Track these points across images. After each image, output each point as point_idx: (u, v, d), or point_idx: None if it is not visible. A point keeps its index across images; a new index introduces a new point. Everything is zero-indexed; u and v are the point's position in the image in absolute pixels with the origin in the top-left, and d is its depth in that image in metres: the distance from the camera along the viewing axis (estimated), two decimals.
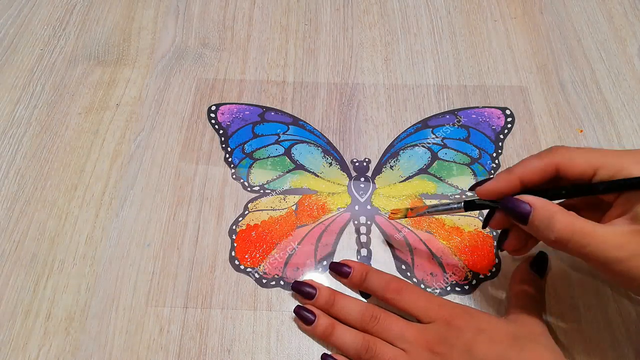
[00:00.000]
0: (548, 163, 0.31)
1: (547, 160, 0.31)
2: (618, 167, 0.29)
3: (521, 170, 0.32)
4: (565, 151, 0.31)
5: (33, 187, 0.44)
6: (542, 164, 0.31)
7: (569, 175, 0.31)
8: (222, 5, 0.57)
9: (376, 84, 0.50)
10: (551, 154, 0.31)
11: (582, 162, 0.30)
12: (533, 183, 0.31)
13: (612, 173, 0.29)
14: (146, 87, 0.50)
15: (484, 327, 0.33)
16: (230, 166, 0.45)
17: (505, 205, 0.32)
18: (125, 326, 0.37)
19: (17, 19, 0.55)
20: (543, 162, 0.31)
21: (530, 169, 0.31)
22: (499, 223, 0.34)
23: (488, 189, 0.32)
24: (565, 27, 0.54)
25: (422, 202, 0.43)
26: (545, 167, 0.31)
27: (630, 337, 0.36)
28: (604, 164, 0.30)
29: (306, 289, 0.37)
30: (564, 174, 0.31)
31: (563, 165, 0.31)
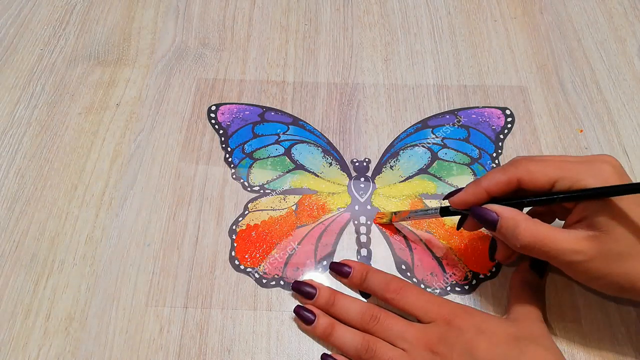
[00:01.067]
0: (511, 177, 0.33)
1: (509, 174, 0.33)
2: (575, 179, 0.32)
3: (487, 183, 0.34)
4: (526, 164, 0.33)
5: (33, 187, 0.44)
6: (505, 177, 0.33)
7: (530, 187, 0.33)
8: (222, 5, 0.57)
9: (376, 84, 0.50)
10: (513, 167, 0.33)
11: (541, 176, 0.32)
12: (498, 194, 0.34)
13: (570, 184, 0.32)
14: (146, 87, 0.50)
15: (484, 328, 0.33)
16: (230, 166, 0.45)
17: (474, 214, 0.34)
18: (125, 326, 0.37)
19: (17, 19, 0.55)
20: (506, 176, 0.33)
21: (495, 182, 0.34)
22: (472, 226, 0.37)
23: (459, 199, 0.35)
24: (565, 27, 0.54)
25: (422, 201, 0.43)
26: (508, 180, 0.33)
27: (630, 337, 0.36)
28: (562, 176, 0.32)
29: (306, 288, 0.37)
30: (526, 186, 0.33)
31: (524, 179, 0.33)
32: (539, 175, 0.33)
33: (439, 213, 0.37)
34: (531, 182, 0.33)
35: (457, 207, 0.35)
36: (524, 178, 0.33)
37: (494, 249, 0.36)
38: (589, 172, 0.32)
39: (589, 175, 0.31)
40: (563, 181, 0.32)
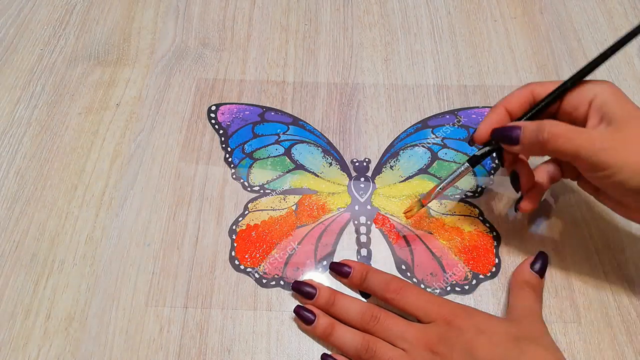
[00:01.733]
0: (524, 89, 0.37)
1: (524, 88, 0.37)
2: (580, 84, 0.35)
3: (503, 100, 0.37)
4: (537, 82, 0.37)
5: (33, 187, 0.44)
6: (519, 91, 0.37)
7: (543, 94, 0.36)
8: (222, 5, 0.57)
9: (376, 84, 0.50)
10: (526, 85, 0.37)
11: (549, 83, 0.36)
12: (516, 109, 0.36)
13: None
14: (146, 87, 0.50)
15: (484, 328, 0.33)
16: (230, 166, 0.45)
17: (498, 134, 0.36)
18: (125, 326, 0.37)
19: (17, 19, 0.55)
20: (521, 90, 0.37)
21: (510, 96, 0.37)
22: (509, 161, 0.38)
23: (482, 129, 0.37)
24: (565, 27, 0.54)
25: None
26: (523, 92, 0.37)
27: (630, 337, 0.36)
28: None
29: (306, 288, 0.37)
30: (538, 97, 0.36)
31: (536, 89, 0.36)
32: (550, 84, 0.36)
33: (469, 164, 0.37)
34: (543, 90, 0.36)
35: (481, 139, 0.36)
36: (536, 88, 0.36)
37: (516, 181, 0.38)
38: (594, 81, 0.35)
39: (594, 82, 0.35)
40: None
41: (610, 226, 0.41)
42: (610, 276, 0.39)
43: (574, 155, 0.33)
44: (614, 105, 0.33)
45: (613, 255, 0.40)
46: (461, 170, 0.38)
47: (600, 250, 0.40)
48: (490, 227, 0.41)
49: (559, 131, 0.33)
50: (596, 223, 0.41)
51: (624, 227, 0.41)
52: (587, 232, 0.41)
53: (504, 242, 0.41)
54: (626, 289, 0.38)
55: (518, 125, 0.35)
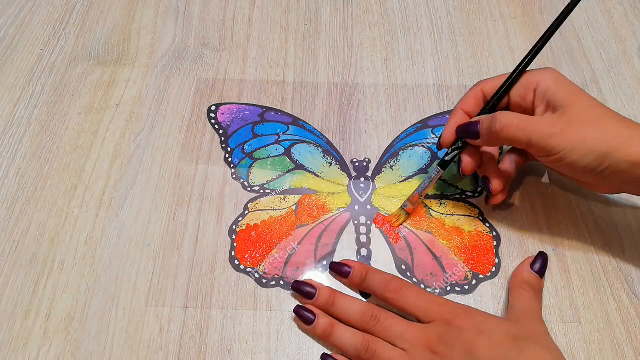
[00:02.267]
0: (476, 91, 0.39)
1: (474, 89, 0.40)
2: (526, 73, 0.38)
3: (459, 104, 0.40)
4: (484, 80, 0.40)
5: (33, 187, 0.44)
6: (471, 93, 0.40)
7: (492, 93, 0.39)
8: (222, 5, 0.57)
9: (376, 84, 0.50)
10: (476, 85, 0.40)
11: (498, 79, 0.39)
12: (472, 109, 0.39)
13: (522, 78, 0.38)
14: (146, 87, 0.50)
15: (484, 328, 0.33)
16: (230, 166, 0.45)
17: (460, 130, 0.38)
18: (125, 326, 0.37)
19: (17, 19, 0.55)
20: (472, 91, 0.40)
21: (465, 99, 0.40)
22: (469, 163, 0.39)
23: (446, 133, 0.39)
24: (565, 27, 0.54)
25: (422, 202, 0.43)
26: (474, 94, 0.39)
27: (630, 337, 0.36)
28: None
29: (306, 288, 0.37)
30: (489, 93, 0.39)
31: (485, 86, 0.39)
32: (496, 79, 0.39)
33: (440, 167, 0.40)
34: (491, 87, 0.39)
35: (447, 140, 0.39)
36: (485, 86, 0.39)
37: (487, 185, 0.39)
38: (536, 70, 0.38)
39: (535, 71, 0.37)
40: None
41: (610, 226, 0.41)
42: (610, 276, 0.39)
43: (527, 143, 0.35)
44: (555, 90, 0.35)
45: (613, 256, 0.40)
46: (434, 174, 0.40)
47: (600, 251, 0.40)
48: (490, 227, 0.41)
49: (509, 121, 0.35)
50: (596, 223, 0.41)
51: (624, 227, 0.41)
52: (587, 232, 0.41)
53: (504, 242, 0.41)
54: (626, 288, 0.38)
55: (477, 120, 0.37)
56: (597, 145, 0.33)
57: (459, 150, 0.39)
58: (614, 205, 0.42)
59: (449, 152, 0.39)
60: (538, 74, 0.37)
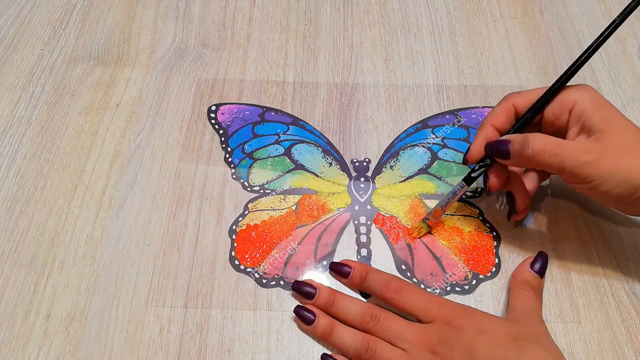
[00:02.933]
0: (507, 104, 0.38)
1: (504, 103, 0.38)
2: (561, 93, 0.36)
3: (488, 119, 0.38)
4: (516, 93, 0.38)
5: (33, 187, 0.44)
6: (502, 107, 0.38)
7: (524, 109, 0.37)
8: (222, 5, 0.57)
9: (376, 84, 0.50)
10: (506, 98, 0.38)
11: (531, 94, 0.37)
12: (501, 125, 0.37)
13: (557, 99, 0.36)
14: (146, 87, 0.50)
15: (484, 328, 0.33)
16: (230, 166, 0.45)
17: (489, 148, 0.37)
18: (125, 326, 0.37)
19: (17, 19, 0.55)
20: (503, 105, 0.38)
21: (495, 114, 0.38)
22: (496, 179, 0.38)
23: (474, 147, 0.38)
24: (565, 27, 0.54)
25: (422, 202, 0.43)
26: (505, 107, 0.38)
27: (630, 337, 0.36)
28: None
29: (306, 288, 0.37)
30: (520, 107, 0.37)
31: (517, 101, 0.37)
32: (529, 94, 0.37)
33: (465, 182, 0.38)
34: (524, 102, 0.37)
35: (475, 157, 0.38)
36: (517, 101, 0.37)
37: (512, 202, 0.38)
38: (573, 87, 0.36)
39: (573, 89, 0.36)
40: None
41: (610, 226, 0.41)
42: (610, 276, 0.39)
43: (559, 169, 0.34)
44: (592, 113, 0.34)
45: (613, 255, 0.40)
46: (458, 189, 0.39)
47: (600, 250, 0.40)
48: (490, 227, 0.41)
49: (542, 146, 0.34)
50: (596, 223, 0.41)
51: (624, 227, 0.41)
52: (587, 232, 0.41)
53: (504, 242, 0.41)
54: (626, 289, 0.38)
55: (508, 139, 0.36)
56: (630, 177, 0.32)
57: (487, 168, 0.38)
58: None
59: (476, 169, 0.38)
60: (575, 93, 0.35)
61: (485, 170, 0.38)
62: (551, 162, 0.34)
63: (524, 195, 0.39)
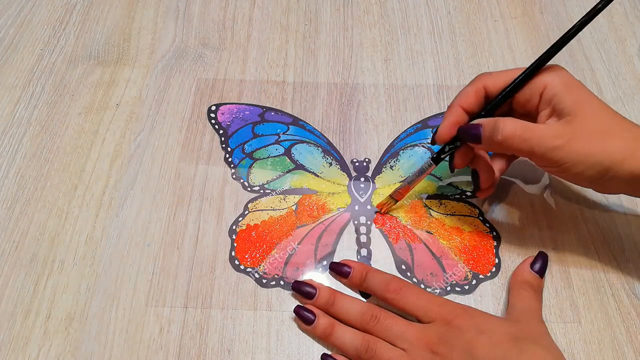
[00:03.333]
0: (477, 85, 0.37)
1: (474, 84, 0.37)
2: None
3: (457, 100, 0.37)
4: (487, 74, 0.37)
5: (33, 187, 0.44)
6: (471, 87, 0.37)
7: (495, 90, 0.37)
8: (222, 5, 0.57)
9: (376, 84, 0.50)
10: (476, 78, 0.38)
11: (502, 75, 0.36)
12: (471, 107, 0.37)
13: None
14: (146, 87, 0.50)
15: (484, 328, 0.33)
16: (230, 166, 0.45)
17: (460, 132, 0.37)
18: (125, 326, 0.37)
19: (17, 19, 0.55)
20: (472, 86, 0.37)
21: (465, 94, 0.37)
22: (462, 158, 0.38)
23: (442, 128, 0.37)
24: (565, 27, 0.53)
25: (422, 202, 0.43)
26: (475, 89, 0.37)
27: (630, 337, 0.36)
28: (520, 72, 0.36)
29: (306, 288, 0.37)
30: (491, 90, 0.37)
31: (488, 83, 0.37)
32: (500, 76, 0.37)
33: (432, 161, 0.39)
34: (495, 84, 0.36)
35: (444, 138, 0.37)
36: (488, 83, 0.37)
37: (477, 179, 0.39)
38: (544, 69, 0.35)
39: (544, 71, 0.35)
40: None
41: (610, 226, 0.41)
42: (610, 276, 0.39)
43: (529, 154, 0.34)
44: (563, 96, 0.34)
45: (613, 255, 0.40)
46: (425, 167, 0.39)
47: (600, 250, 0.40)
48: (490, 227, 0.41)
49: (512, 132, 0.34)
50: (596, 223, 0.41)
51: (624, 227, 0.41)
52: (587, 232, 0.41)
53: (504, 242, 0.41)
54: (626, 288, 0.38)
55: (479, 124, 0.36)
56: (600, 160, 0.32)
57: (455, 149, 0.38)
58: (614, 205, 0.42)
59: (445, 150, 0.38)
60: (546, 76, 0.35)
61: (454, 150, 0.38)
62: (521, 147, 0.34)
63: (489, 173, 0.38)
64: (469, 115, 0.37)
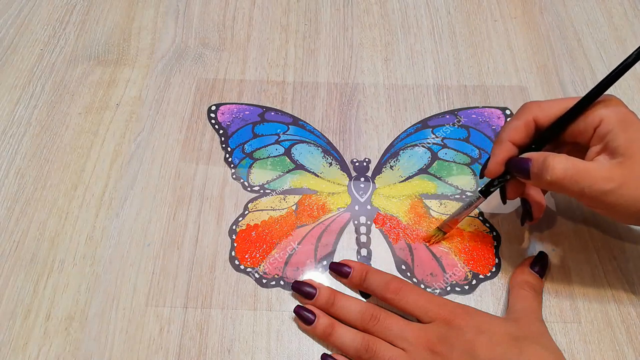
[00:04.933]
0: (526, 118, 0.35)
1: (523, 116, 0.35)
2: None
3: (506, 134, 0.35)
4: (536, 103, 0.35)
5: (33, 187, 0.44)
6: (521, 121, 0.35)
7: (546, 123, 0.35)
8: (222, 5, 0.57)
9: (376, 84, 0.50)
10: (525, 110, 0.35)
11: (554, 106, 0.35)
12: (521, 141, 0.35)
13: None
14: (146, 87, 0.50)
15: (484, 328, 0.33)
16: (230, 166, 0.45)
17: (511, 166, 0.35)
18: (125, 326, 0.37)
19: (17, 19, 0.55)
20: (521, 119, 0.35)
21: (513, 128, 0.35)
22: (514, 190, 0.37)
23: (492, 163, 0.36)
24: (565, 27, 0.54)
25: (422, 202, 0.43)
26: (525, 122, 0.35)
27: (630, 337, 0.36)
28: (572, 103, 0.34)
29: (306, 288, 0.37)
30: (542, 122, 0.35)
31: (538, 116, 0.35)
32: (551, 107, 0.34)
33: (481, 194, 0.38)
34: (546, 117, 0.34)
35: (494, 173, 0.36)
36: (538, 115, 0.35)
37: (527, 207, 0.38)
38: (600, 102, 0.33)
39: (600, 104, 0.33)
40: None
41: (610, 226, 0.41)
42: (610, 276, 0.39)
43: (578, 196, 0.33)
44: (617, 133, 0.32)
45: (613, 255, 0.40)
46: (474, 200, 0.38)
47: (600, 250, 0.40)
48: (490, 227, 0.41)
49: (562, 173, 0.32)
50: (596, 223, 0.41)
51: (624, 227, 0.41)
52: (587, 232, 0.41)
53: (504, 242, 0.41)
54: (626, 289, 0.38)
55: (528, 158, 0.34)
56: None
57: (505, 182, 0.37)
58: None
59: (495, 183, 0.37)
60: (602, 110, 0.33)
61: (504, 183, 0.37)
62: (572, 188, 0.32)
63: (540, 203, 0.38)
64: (518, 148, 0.36)
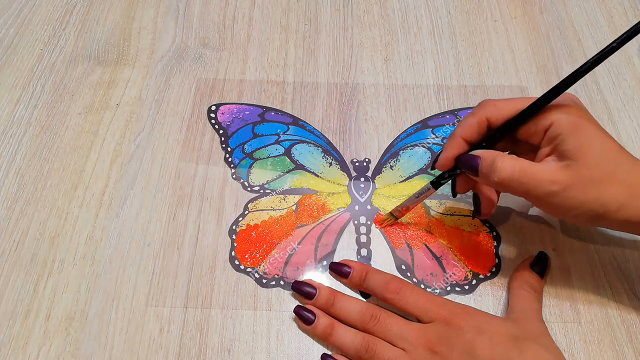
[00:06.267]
0: (480, 117, 0.35)
1: (478, 115, 0.35)
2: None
3: (460, 130, 0.36)
4: (492, 102, 0.35)
5: (33, 187, 0.44)
6: (474, 119, 0.35)
7: (499, 123, 0.35)
8: (222, 5, 0.57)
9: (376, 84, 0.50)
10: (480, 108, 0.36)
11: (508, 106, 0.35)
12: (474, 138, 0.36)
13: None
14: (146, 87, 0.50)
15: (484, 328, 0.33)
16: (230, 166, 0.45)
17: (459, 161, 0.36)
18: (125, 326, 0.37)
19: (17, 19, 0.55)
20: (475, 117, 0.35)
21: (467, 126, 0.35)
22: (463, 185, 0.38)
23: (443, 158, 0.36)
24: (565, 27, 0.54)
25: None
26: (478, 121, 0.35)
27: (630, 337, 0.36)
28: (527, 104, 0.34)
29: (306, 288, 0.37)
30: (495, 122, 0.35)
31: (492, 116, 0.35)
32: (505, 107, 0.35)
33: (432, 186, 0.38)
34: (499, 117, 0.35)
35: (444, 167, 0.37)
36: (492, 115, 0.35)
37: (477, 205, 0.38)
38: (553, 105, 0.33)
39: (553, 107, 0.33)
40: None
41: None
42: (610, 276, 0.39)
43: (524, 196, 0.33)
44: (566, 137, 0.32)
45: (613, 255, 0.40)
46: (425, 191, 0.39)
47: (600, 250, 0.40)
48: (490, 227, 0.41)
49: (508, 174, 0.33)
50: None
51: None
52: (586, 232, 0.41)
53: (504, 242, 0.41)
54: (626, 289, 0.38)
55: (478, 155, 0.34)
56: (593, 208, 0.31)
57: (455, 176, 0.37)
58: None
59: (445, 176, 0.37)
60: (554, 113, 0.33)
61: (453, 176, 0.37)
62: (518, 189, 0.33)
63: (490, 201, 0.38)
64: (469, 145, 0.36)
